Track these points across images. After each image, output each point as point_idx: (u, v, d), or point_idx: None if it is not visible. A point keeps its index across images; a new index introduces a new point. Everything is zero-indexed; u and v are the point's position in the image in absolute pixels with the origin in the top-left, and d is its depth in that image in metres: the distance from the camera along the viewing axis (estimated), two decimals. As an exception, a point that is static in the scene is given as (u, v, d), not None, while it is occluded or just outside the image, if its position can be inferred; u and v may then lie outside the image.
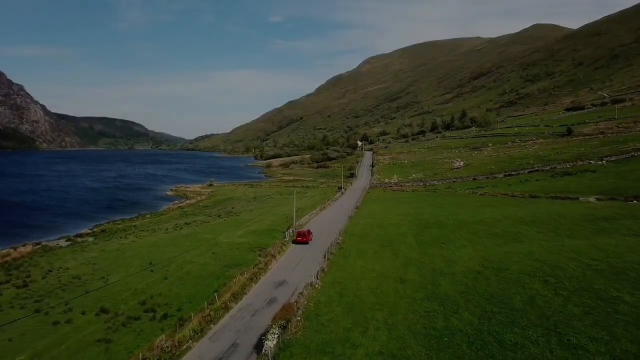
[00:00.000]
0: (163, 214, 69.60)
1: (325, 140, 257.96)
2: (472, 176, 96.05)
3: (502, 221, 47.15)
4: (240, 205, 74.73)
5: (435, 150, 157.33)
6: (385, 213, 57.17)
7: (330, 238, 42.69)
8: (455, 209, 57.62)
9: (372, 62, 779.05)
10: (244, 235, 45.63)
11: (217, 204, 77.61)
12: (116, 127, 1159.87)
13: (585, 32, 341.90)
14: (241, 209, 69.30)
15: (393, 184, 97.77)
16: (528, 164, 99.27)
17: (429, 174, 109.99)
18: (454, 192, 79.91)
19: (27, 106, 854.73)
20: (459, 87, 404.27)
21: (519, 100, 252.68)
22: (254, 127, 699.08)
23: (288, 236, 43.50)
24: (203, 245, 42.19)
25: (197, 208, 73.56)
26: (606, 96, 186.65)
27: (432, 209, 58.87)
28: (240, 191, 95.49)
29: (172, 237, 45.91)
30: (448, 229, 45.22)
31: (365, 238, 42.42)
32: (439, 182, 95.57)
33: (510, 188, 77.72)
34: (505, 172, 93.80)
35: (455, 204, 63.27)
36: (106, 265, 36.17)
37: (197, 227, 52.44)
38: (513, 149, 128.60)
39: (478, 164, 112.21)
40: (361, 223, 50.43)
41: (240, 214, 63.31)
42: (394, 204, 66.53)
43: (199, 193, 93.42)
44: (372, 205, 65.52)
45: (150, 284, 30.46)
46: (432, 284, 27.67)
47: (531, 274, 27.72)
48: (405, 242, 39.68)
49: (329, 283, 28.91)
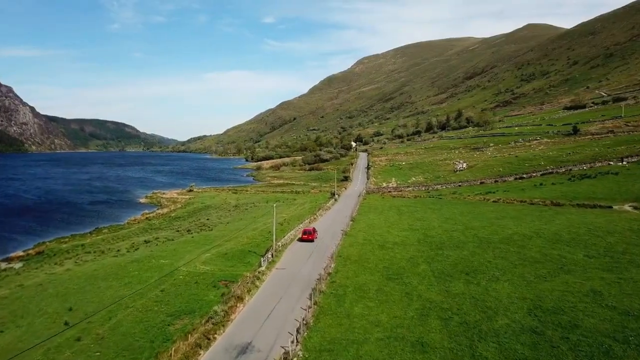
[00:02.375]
0: (125, 227, 59.14)
1: (319, 141, 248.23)
2: (478, 179, 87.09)
3: (534, 239, 37.94)
4: (217, 215, 64.68)
5: (433, 151, 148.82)
6: (387, 227, 47.69)
7: (320, 264, 33.16)
8: (470, 221, 48.34)
9: (365, 63, 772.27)
10: (210, 261, 35.83)
11: (192, 215, 67.44)
12: (108, 129, 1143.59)
13: (580, 31, 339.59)
14: (217, 220, 59.32)
15: (392, 188, 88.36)
16: (539, 166, 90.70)
17: (431, 177, 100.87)
18: (462, 199, 70.70)
19: (15, 108, 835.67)
20: (453, 87, 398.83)
21: (515, 99, 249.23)
22: (246, 128, 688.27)
23: (265, 263, 33.82)
24: (154, 275, 32.34)
25: (167, 220, 63.27)
26: (604, 95, 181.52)
27: (442, 221, 49.53)
28: (222, 198, 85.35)
29: (119, 264, 36.01)
30: (468, 249, 35.89)
31: (364, 265, 32.89)
32: (442, 186, 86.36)
33: (526, 194, 68.73)
34: (516, 175, 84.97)
35: (468, 213, 54.01)
36: (9, 312, 26.19)
37: (156, 248, 42.49)
38: (517, 149, 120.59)
39: (482, 165, 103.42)
40: (358, 241, 40.89)
41: (214, 227, 53.41)
42: (396, 214, 57.10)
43: (174, 200, 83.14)
44: (371, 216, 56.01)
45: (51, 350, 20.58)
46: (470, 356, 18.17)
47: (617, 336, 18.39)
48: (417, 273, 30.17)
49: (314, 351, 19.33)
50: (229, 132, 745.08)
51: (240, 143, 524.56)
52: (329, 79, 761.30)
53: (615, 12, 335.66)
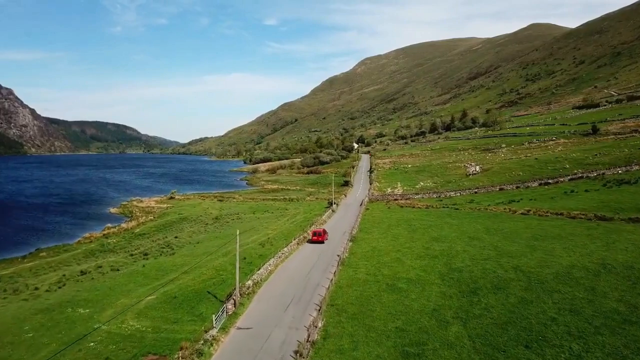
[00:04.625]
0: (71, 249, 47.97)
1: (319, 143, 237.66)
2: (497, 185, 76.29)
3: (603, 276, 27.28)
4: (189, 232, 53.90)
5: (441, 153, 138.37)
6: (397, 251, 37.07)
7: (303, 318, 22.70)
8: (502, 243, 37.70)
9: (368, 63, 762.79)
10: (149, 310, 25.35)
11: (160, 230, 56.69)
12: (109, 131, 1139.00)
13: (585, 30, 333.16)
14: (186, 239, 48.64)
15: (398, 195, 77.51)
16: (564, 169, 80.00)
17: (441, 182, 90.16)
18: (482, 209, 59.88)
19: (15, 110, 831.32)
20: (456, 87, 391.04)
21: (520, 100, 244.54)
22: (247, 130, 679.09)
23: (222, 320, 23.20)
24: (54, 341, 21.86)
25: (127, 238, 52.33)
26: (614, 94, 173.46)
27: (466, 242, 38.89)
28: (203, 207, 74.59)
29: (18, 316, 25.59)
30: (514, 294, 25.26)
31: (367, 324, 22.32)
32: (455, 193, 75.56)
33: (557, 203, 57.97)
34: (540, 180, 74.21)
35: (496, 231, 43.32)
36: None
37: (88, 284, 32.02)
38: (534, 150, 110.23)
39: (498, 168, 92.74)
40: (359, 277, 30.32)
41: (178, 250, 42.81)
42: (406, 231, 46.45)
43: (149, 211, 72.33)
44: (375, 234, 45.38)
45: None
46: None
47: None
48: (448, 342, 19.58)
49: None
50: (229, 134, 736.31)
51: (241, 144, 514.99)
52: (331, 80, 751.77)
53: (623, 10, 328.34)
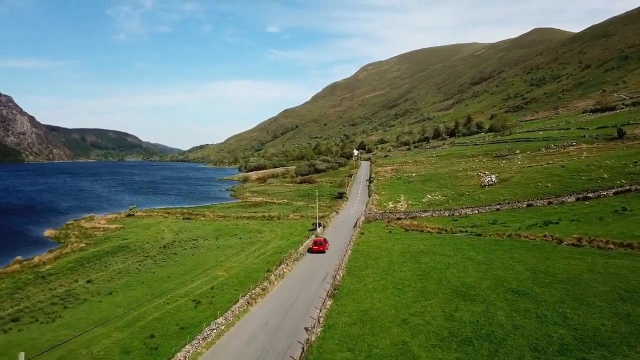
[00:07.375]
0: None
1: (317, 149, 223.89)
2: (523, 200, 61.86)
3: None
4: (116, 269, 39.30)
5: (448, 159, 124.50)
6: (401, 326, 22.77)
7: None
8: (570, 307, 23.48)
9: (369, 69, 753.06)
10: None
11: (78, 267, 41.68)
12: (109, 139, 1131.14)
13: (590, 34, 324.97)
14: (100, 286, 34.15)
15: (402, 213, 62.96)
16: (602, 180, 65.78)
17: (452, 195, 75.84)
18: (513, 236, 45.37)
19: (13, 117, 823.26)
20: (459, 92, 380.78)
21: (526, 104, 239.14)
22: (247, 137, 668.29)
23: None
24: None
25: (21, 281, 37.60)
26: (625, 98, 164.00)
27: (510, 306, 24.60)
28: (159, 229, 60.03)
29: None
30: None
31: None
32: (472, 210, 61.08)
33: (614, 228, 43.55)
34: (577, 194, 59.90)
35: (548, 278, 29.08)
36: None
37: None
38: (554, 156, 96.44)
39: (519, 178, 78.51)
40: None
41: (74, 308, 28.45)
42: (415, 274, 32.29)
43: (89, 234, 57.84)
44: (369, 281, 31.12)
45: None
46: None
47: None
48: None
49: None
50: (229, 141, 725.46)
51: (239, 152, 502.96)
52: (332, 86, 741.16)
53: (629, 14, 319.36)
